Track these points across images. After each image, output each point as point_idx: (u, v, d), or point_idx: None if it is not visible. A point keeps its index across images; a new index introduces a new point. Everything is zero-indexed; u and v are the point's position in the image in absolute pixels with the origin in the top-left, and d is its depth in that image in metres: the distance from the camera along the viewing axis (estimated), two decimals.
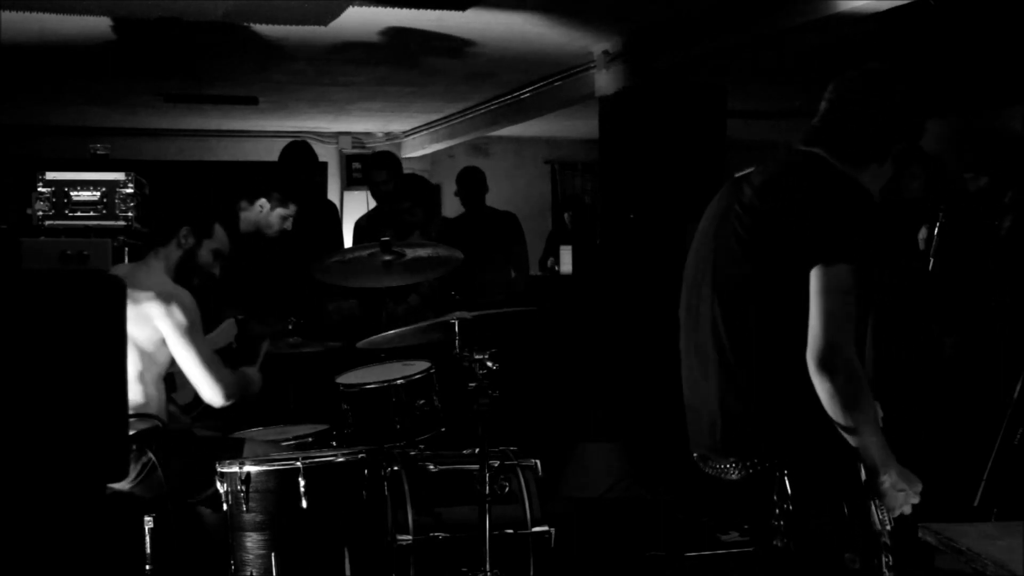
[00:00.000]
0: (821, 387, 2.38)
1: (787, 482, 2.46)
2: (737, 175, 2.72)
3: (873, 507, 2.46)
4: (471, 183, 7.22)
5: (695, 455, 2.71)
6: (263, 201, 4.92)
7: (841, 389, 2.37)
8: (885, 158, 2.61)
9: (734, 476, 2.57)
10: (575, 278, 8.06)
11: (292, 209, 5.00)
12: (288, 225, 5.00)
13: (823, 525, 2.46)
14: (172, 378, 4.12)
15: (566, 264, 8.17)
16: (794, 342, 2.42)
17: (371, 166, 6.64)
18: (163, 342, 3.79)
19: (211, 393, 3.84)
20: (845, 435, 2.40)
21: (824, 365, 2.37)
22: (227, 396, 3.86)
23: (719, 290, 2.58)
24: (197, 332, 3.82)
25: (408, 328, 3.99)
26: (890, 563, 2.47)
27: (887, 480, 2.42)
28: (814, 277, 2.41)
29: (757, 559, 2.73)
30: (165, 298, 3.75)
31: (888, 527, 2.47)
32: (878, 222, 2.50)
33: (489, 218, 7.21)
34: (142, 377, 3.78)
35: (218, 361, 3.88)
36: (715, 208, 2.74)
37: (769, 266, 2.49)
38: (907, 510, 2.48)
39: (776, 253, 2.48)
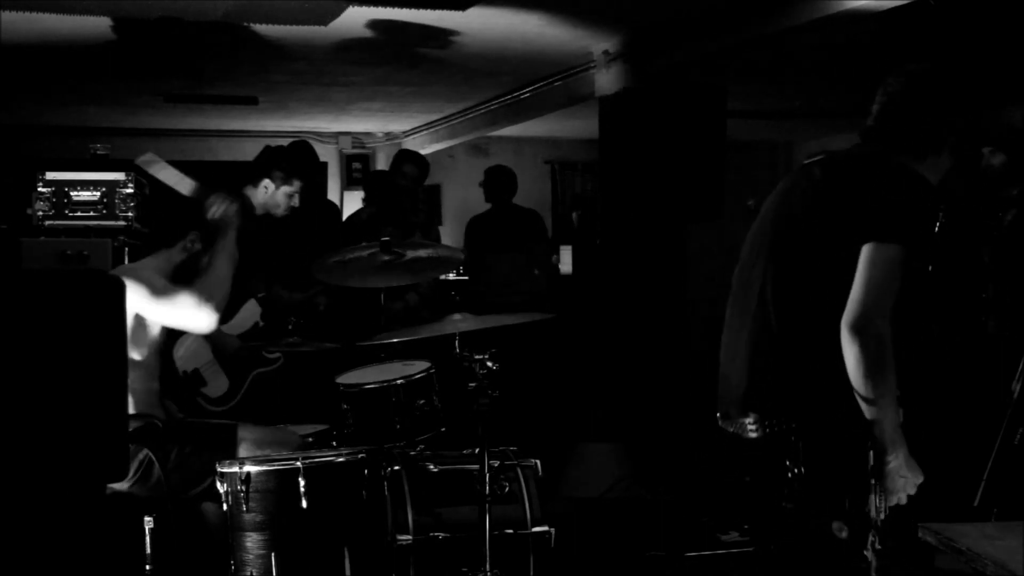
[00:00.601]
0: (849, 350, 2.49)
1: (800, 448, 2.55)
2: (805, 162, 2.87)
3: (872, 494, 2.50)
4: (499, 181, 7.29)
5: (718, 415, 2.83)
6: (267, 182, 4.86)
7: (868, 355, 2.46)
8: (940, 150, 2.76)
9: (753, 434, 2.68)
10: (575, 278, 8.07)
11: (296, 185, 4.91)
12: (295, 202, 4.91)
13: (826, 488, 2.53)
14: (197, 374, 4.11)
15: (566, 264, 8.17)
16: (834, 315, 2.53)
17: (402, 159, 6.64)
18: (136, 330, 3.74)
19: (204, 319, 3.78)
20: (863, 405, 2.47)
21: (856, 329, 2.48)
22: (217, 312, 3.79)
23: (774, 257, 2.72)
24: (162, 290, 3.75)
25: (409, 339, 4.00)
26: (877, 544, 2.50)
27: (893, 461, 2.49)
28: (865, 252, 2.53)
29: (757, 559, 2.78)
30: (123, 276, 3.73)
31: (883, 515, 2.50)
32: (934, 211, 2.65)
33: (514, 216, 7.25)
34: (131, 388, 3.75)
35: (183, 293, 3.77)
36: (781, 187, 2.89)
37: (825, 238, 2.62)
38: (903, 499, 2.52)
39: (834, 227, 2.61)
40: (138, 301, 3.71)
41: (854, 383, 2.49)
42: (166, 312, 3.76)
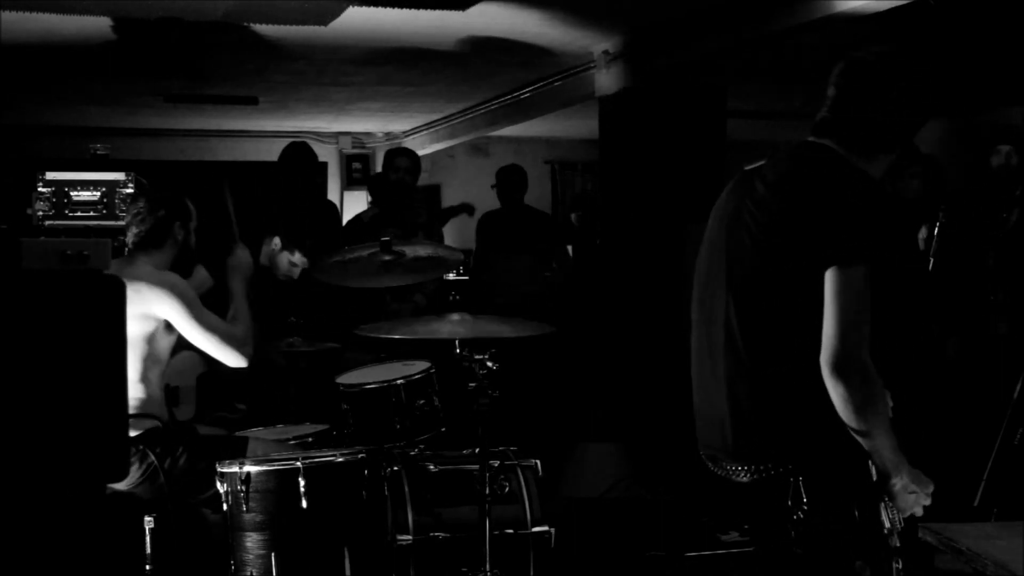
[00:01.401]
0: (835, 391, 2.36)
1: (802, 488, 2.44)
2: (747, 168, 2.70)
3: (883, 507, 2.45)
4: (508, 181, 7.29)
5: (703, 455, 2.69)
6: (276, 240, 4.94)
7: (855, 394, 2.34)
8: (895, 148, 2.58)
9: (744, 479, 2.55)
10: (575, 278, 8.06)
11: (299, 259, 5.00)
12: (295, 275, 5.01)
13: (834, 529, 2.44)
14: (176, 392, 4.12)
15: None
16: (808, 344, 2.40)
17: (395, 153, 6.65)
18: (161, 333, 3.79)
19: (233, 359, 3.91)
20: (858, 438, 2.38)
21: (838, 370, 2.35)
22: (247, 355, 3.92)
23: (734, 290, 2.54)
24: (199, 308, 3.86)
25: (410, 338, 3.99)
26: (900, 567, 2.45)
27: (899, 482, 2.41)
28: (829, 279, 2.37)
29: (758, 560, 2.71)
30: (159, 285, 3.78)
31: (899, 527, 2.46)
32: (893, 220, 2.48)
33: (525, 216, 7.26)
34: (145, 377, 3.79)
35: (229, 326, 3.92)
36: (726, 204, 2.70)
37: (784, 266, 2.45)
38: (918, 512, 2.46)
39: (791, 253, 2.44)
40: (171, 313, 3.77)
41: (845, 420, 2.37)
42: (199, 337, 3.85)
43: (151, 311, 3.75)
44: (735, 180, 2.72)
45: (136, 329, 3.68)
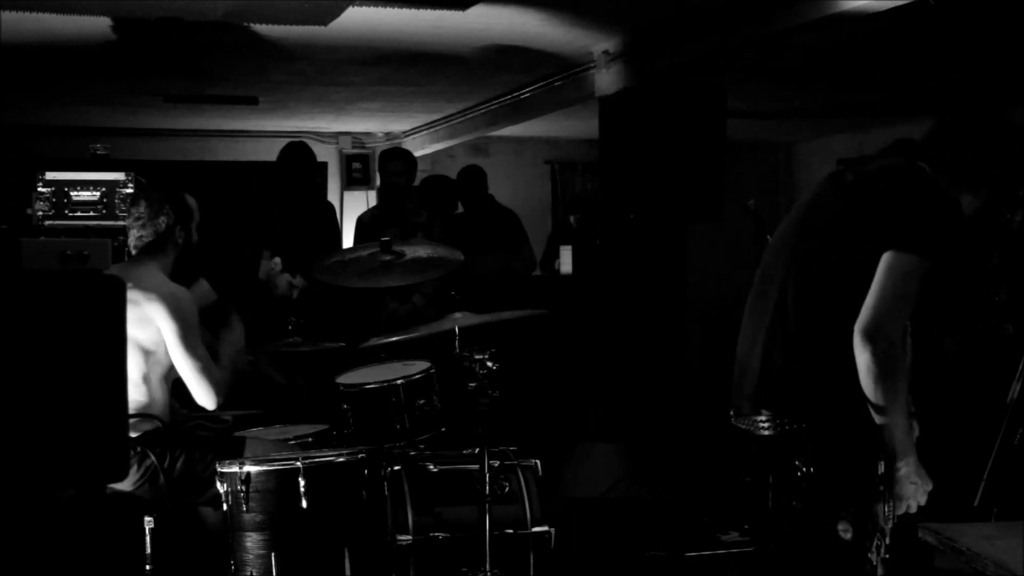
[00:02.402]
0: (860, 356, 2.52)
1: (810, 448, 2.59)
2: (840, 167, 2.94)
3: (882, 501, 2.50)
4: (465, 182, 7.32)
5: (731, 412, 2.85)
6: (277, 260, 4.93)
7: (879, 361, 2.49)
8: (978, 190, 2.80)
9: (765, 431, 2.70)
10: (575, 278, 8.07)
11: (300, 281, 5.00)
12: (294, 295, 5.00)
13: (832, 486, 2.56)
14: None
15: (566, 264, 8.17)
16: (850, 318, 2.56)
17: (388, 157, 6.65)
18: (161, 337, 3.79)
19: (205, 398, 3.86)
20: (873, 413, 2.49)
21: (868, 335, 2.51)
22: (219, 400, 3.87)
23: (797, 259, 2.75)
24: (193, 331, 3.82)
25: (410, 336, 4.00)
26: (882, 547, 2.50)
27: (903, 467, 2.51)
28: (884, 260, 2.57)
29: (758, 558, 2.79)
30: (166, 299, 3.76)
31: (891, 523, 2.50)
32: (958, 231, 2.69)
33: (486, 215, 7.26)
34: (146, 378, 3.79)
35: (212, 364, 3.87)
36: (813, 191, 2.93)
37: (847, 244, 2.66)
38: (913, 507, 2.53)
39: (857, 233, 2.65)
40: (164, 326, 3.76)
41: (864, 389, 2.51)
42: (181, 360, 3.80)
43: (150, 318, 3.75)
44: (827, 175, 2.96)
45: (137, 332, 3.68)
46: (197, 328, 3.85)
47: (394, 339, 4.10)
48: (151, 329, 3.75)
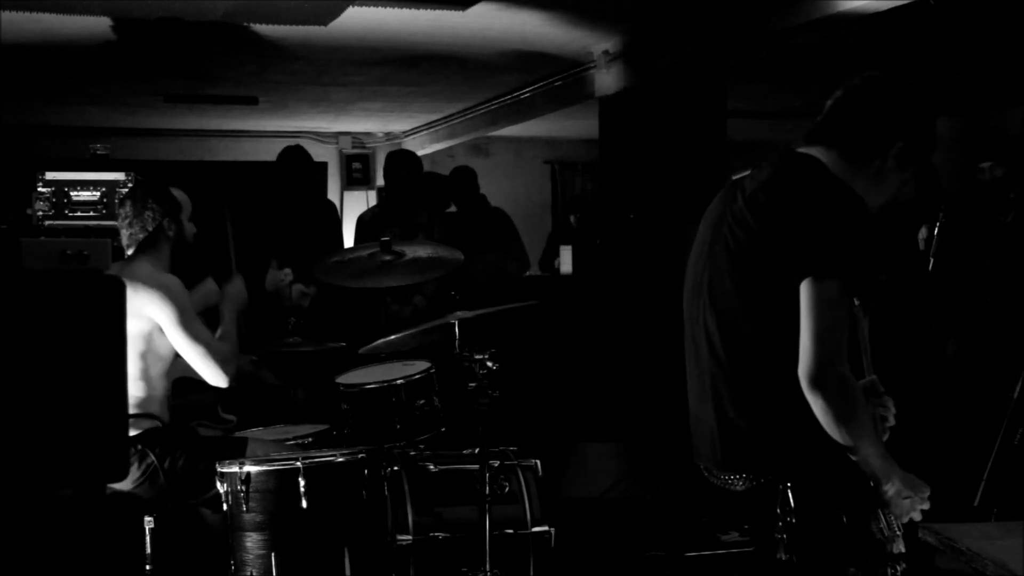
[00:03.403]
0: (815, 404, 2.37)
1: (790, 495, 2.45)
2: (734, 178, 2.70)
3: (881, 514, 2.45)
4: (457, 182, 7.34)
5: (700, 465, 2.70)
6: (288, 271, 4.91)
7: (834, 405, 2.36)
8: (885, 154, 2.55)
9: (739, 488, 2.57)
10: (575, 278, 8.07)
11: (312, 289, 4.99)
12: (306, 303, 4.98)
13: (824, 536, 2.45)
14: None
15: (566, 264, 8.17)
16: (788, 353, 2.41)
17: (393, 162, 6.64)
18: (159, 332, 3.79)
19: (215, 378, 3.85)
20: (845, 449, 2.40)
21: (816, 382, 2.36)
22: (230, 376, 3.87)
23: (714, 303, 2.56)
24: (190, 315, 3.81)
25: (410, 333, 3.99)
26: (899, 571, 2.45)
27: (890, 489, 2.42)
28: (804, 291, 2.38)
29: (758, 565, 2.73)
30: (158, 289, 3.76)
31: (898, 532, 2.46)
32: (870, 234, 2.46)
33: (479, 215, 7.28)
34: (145, 374, 3.79)
35: (216, 342, 3.87)
36: (712, 214, 2.71)
37: (759, 280, 2.46)
38: (916, 516, 2.47)
39: (766, 266, 2.45)
40: (161, 316, 3.75)
41: (829, 432, 2.38)
42: (184, 345, 3.80)
43: (144, 311, 3.74)
44: (725, 188, 2.72)
45: (134, 327, 3.67)
46: (193, 311, 3.84)
47: (393, 338, 4.09)
48: (144, 321, 3.74)
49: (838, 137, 2.57)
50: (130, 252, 3.96)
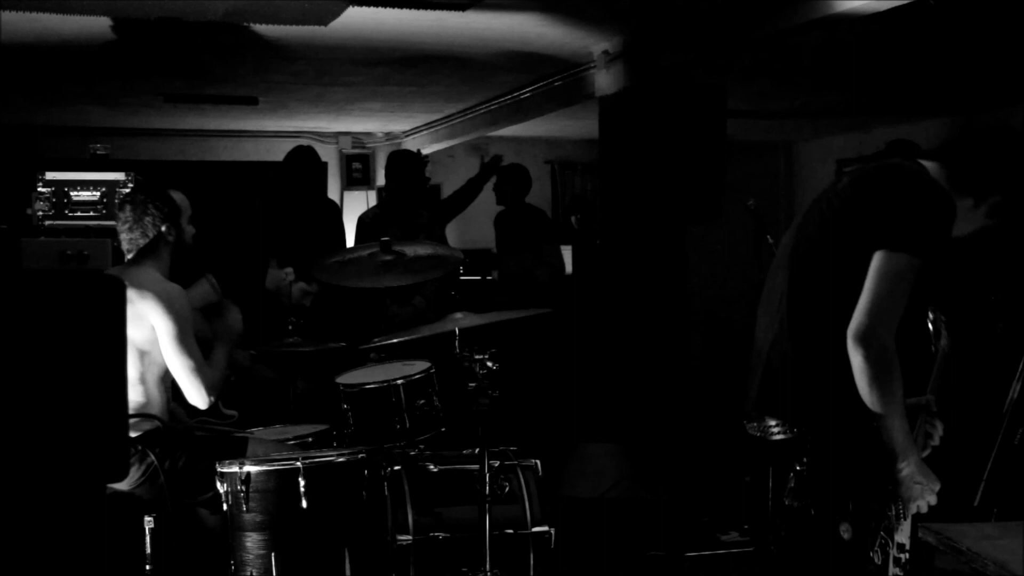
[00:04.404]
0: (854, 360, 2.50)
1: (807, 448, 2.59)
2: (845, 169, 2.93)
3: (891, 504, 2.50)
4: (518, 181, 7.46)
5: (743, 419, 2.84)
6: (290, 270, 4.90)
7: (872, 365, 2.46)
8: (982, 200, 2.71)
9: (776, 436, 2.70)
10: (575, 278, 8.07)
11: (314, 287, 4.98)
12: (308, 301, 4.98)
13: (832, 489, 2.54)
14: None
15: (567, 264, 8.18)
16: (842, 320, 2.54)
17: (395, 162, 6.63)
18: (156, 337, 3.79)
19: (196, 397, 3.85)
20: (872, 417, 2.47)
21: (859, 338, 2.48)
22: (210, 400, 3.87)
23: (792, 262, 2.74)
24: (187, 330, 3.81)
25: (411, 337, 4.00)
26: (897, 555, 2.48)
27: (905, 468, 2.49)
28: (874, 260, 2.53)
29: (757, 558, 2.79)
30: (160, 298, 3.76)
31: (904, 520, 2.49)
32: (950, 227, 2.63)
33: (527, 215, 7.41)
34: (143, 378, 3.79)
35: (204, 364, 3.86)
36: (820, 194, 2.89)
37: (839, 246, 2.63)
38: (923, 507, 2.53)
39: (848, 234, 2.61)
40: (158, 323, 3.74)
41: (860, 392, 2.49)
42: (174, 358, 3.79)
43: (145, 318, 3.74)
44: (835, 176, 2.97)
45: (133, 332, 3.67)
46: (191, 327, 3.84)
47: (395, 340, 4.10)
48: (145, 327, 3.74)
49: (951, 161, 2.73)
50: (130, 256, 3.96)
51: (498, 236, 7.86)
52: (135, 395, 3.74)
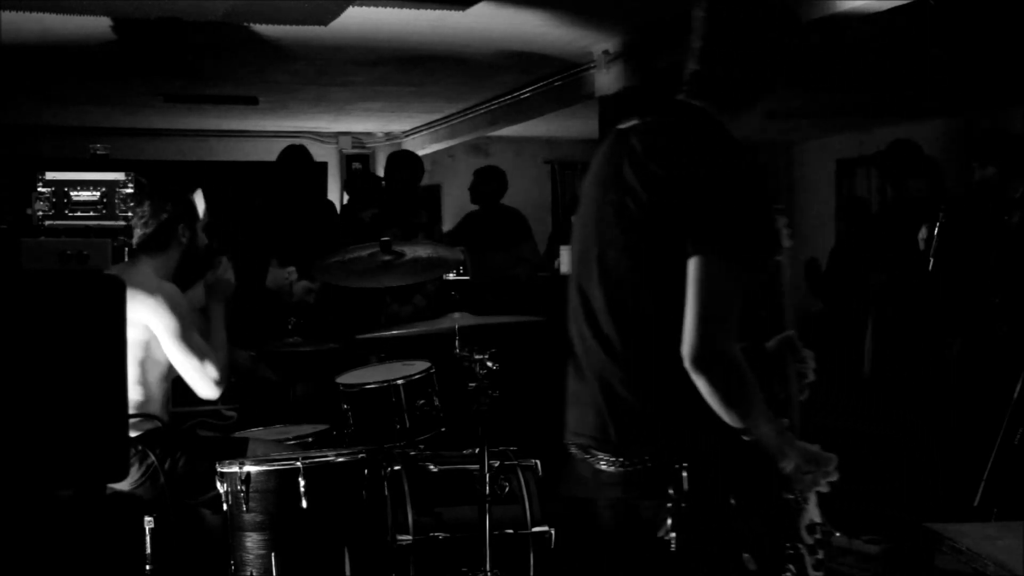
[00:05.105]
0: (700, 385, 2.23)
1: (683, 478, 2.31)
2: (620, 127, 2.48)
3: (804, 509, 2.37)
4: (496, 183, 7.43)
5: (571, 445, 2.64)
6: (292, 269, 4.89)
7: (719, 386, 2.22)
8: (754, 105, 2.52)
9: (611, 470, 2.48)
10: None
11: (317, 285, 4.97)
12: (311, 299, 4.97)
13: (712, 522, 2.31)
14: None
15: (566, 264, 8.17)
16: (678, 329, 2.25)
17: (395, 165, 6.63)
18: (155, 338, 3.78)
19: (206, 390, 3.83)
20: (739, 431, 2.27)
21: (697, 363, 2.21)
22: (221, 388, 3.85)
23: (603, 273, 2.41)
24: (187, 325, 3.79)
25: (411, 331, 4.00)
26: (816, 562, 2.38)
27: (787, 466, 2.30)
28: (690, 268, 2.22)
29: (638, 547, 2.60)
30: (156, 295, 3.74)
31: (806, 505, 2.38)
32: (766, 214, 2.37)
33: (500, 216, 7.35)
34: (143, 379, 3.78)
35: (210, 352, 3.84)
36: (598, 164, 2.49)
37: (650, 241, 2.31)
38: (823, 488, 2.35)
39: (659, 240, 2.29)
40: (156, 323, 3.73)
41: (718, 413, 2.24)
42: (178, 356, 3.78)
43: (142, 319, 3.73)
44: (608, 143, 2.50)
45: (132, 333, 3.66)
46: (190, 322, 3.83)
47: (393, 333, 4.09)
48: (143, 327, 3.74)
49: (716, 91, 2.48)
50: (134, 250, 3.95)
51: (468, 236, 7.66)
52: (135, 395, 3.73)
